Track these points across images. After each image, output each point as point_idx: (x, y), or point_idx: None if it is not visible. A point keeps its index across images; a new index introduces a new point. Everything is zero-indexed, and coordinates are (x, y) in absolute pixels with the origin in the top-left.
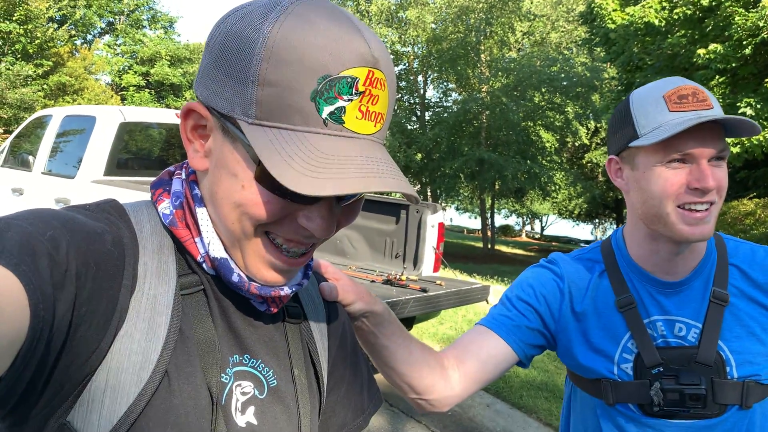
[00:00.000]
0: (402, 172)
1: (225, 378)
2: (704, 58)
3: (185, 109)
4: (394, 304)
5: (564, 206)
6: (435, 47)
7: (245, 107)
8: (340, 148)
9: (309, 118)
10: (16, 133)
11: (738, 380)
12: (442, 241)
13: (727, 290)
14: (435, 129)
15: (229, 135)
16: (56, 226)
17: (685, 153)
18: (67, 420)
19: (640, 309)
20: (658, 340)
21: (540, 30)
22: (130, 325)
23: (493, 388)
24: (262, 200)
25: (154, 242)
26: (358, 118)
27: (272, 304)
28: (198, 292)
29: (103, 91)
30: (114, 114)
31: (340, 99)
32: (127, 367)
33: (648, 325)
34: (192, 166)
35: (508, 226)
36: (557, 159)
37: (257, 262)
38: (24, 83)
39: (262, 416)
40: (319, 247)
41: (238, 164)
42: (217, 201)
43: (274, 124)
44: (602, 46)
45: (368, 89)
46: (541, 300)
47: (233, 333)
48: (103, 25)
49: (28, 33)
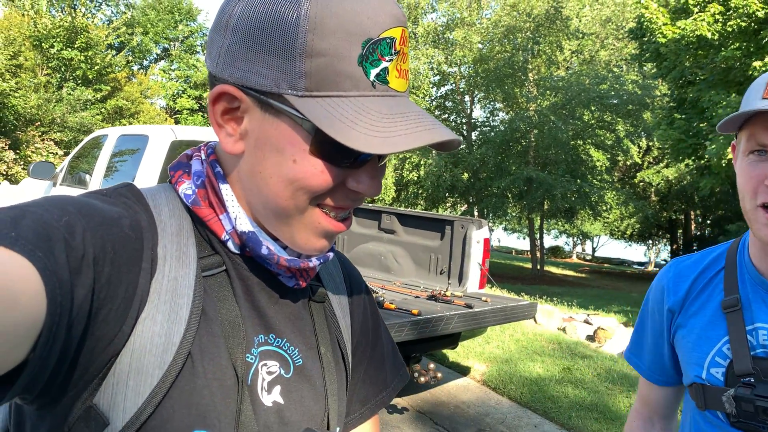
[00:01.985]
0: (448, 190)
1: (250, 358)
2: (761, 70)
3: (216, 92)
4: (438, 320)
5: (616, 226)
6: (482, 67)
7: (293, 81)
8: (393, 107)
9: (359, 82)
10: (74, 153)
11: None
12: (488, 257)
13: None
14: (482, 148)
15: (272, 112)
16: (72, 212)
17: (763, 144)
18: (93, 402)
19: (746, 313)
20: (758, 349)
21: (589, 48)
22: (151, 308)
23: (542, 408)
24: (317, 171)
25: (173, 225)
26: (397, 77)
27: (301, 278)
28: (220, 273)
29: (157, 114)
30: (166, 133)
31: (383, 60)
32: (150, 350)
33: (750, 331)
34: (226, 150)
35: (558, 247)
36: (608, 178)
37: (309, 234)
38: (83, 107)
39: (289, 395)
40: (366, 264)
41: (285, 139)
42: (261, 181)
43: (325, 94)
44: (652, 61)
45: (402, 48)
46: (656, 326)
47: (258, 312)
48: (158, 51)
49: (88, 59)
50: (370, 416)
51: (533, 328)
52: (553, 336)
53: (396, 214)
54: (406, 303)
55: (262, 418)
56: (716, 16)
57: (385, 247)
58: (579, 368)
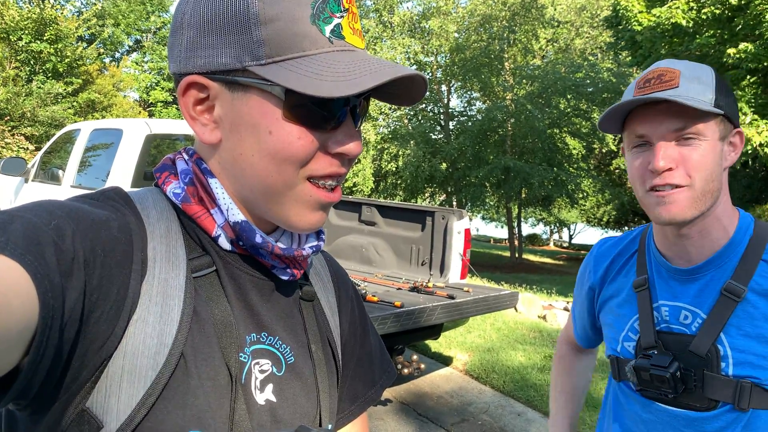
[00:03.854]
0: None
1: (243, 357)
2: (735, 57)
3: (183, 84)
4: (421, 311)
5: (592, 214)
6: (458, 56)
7: (254, 51)
8: (354, 57)
9: (317, 40)
10: (46, 148)
11: (732, 378)
12: (469, 247)
13: (747, 286)
14: (459, 138)
15: (240, 89)
16: (60, 215)
17: (639, 135)
18: (86, 406)
19: (652, 291)
20: (662, 324)
21: (564, 36)
22: (143, 310)
23: (524, 396)
24: (295, 137)
25: (162, 227)
26: (352, 34)
27: (295, 268)
28: (211, 273)
29: (131, 107)
30: (140, 127)
31: (334, 17)
32: (143, 351)
33: (655, 308)
34: (203, 141)
35: (536, 235)
36: (584, 166)
37: (302, 209)
38: (54, 101)
39: (281, 393)
40: (347, 256)
41: (257, 113)
42: (244, 162)
43: (287, 57)
44: (628, 49)
45: (350, 6)
46: (582, 300)
47: (250, 311)
48: (130, 43)
49: (58, 52)
50: (359, 413)
51: (514, 317)
52: (533, 324)
53: (376, 206)
54: (389, 295)
55: (255, 417)
56: (691, 4)
57: (366, 239)
58: None
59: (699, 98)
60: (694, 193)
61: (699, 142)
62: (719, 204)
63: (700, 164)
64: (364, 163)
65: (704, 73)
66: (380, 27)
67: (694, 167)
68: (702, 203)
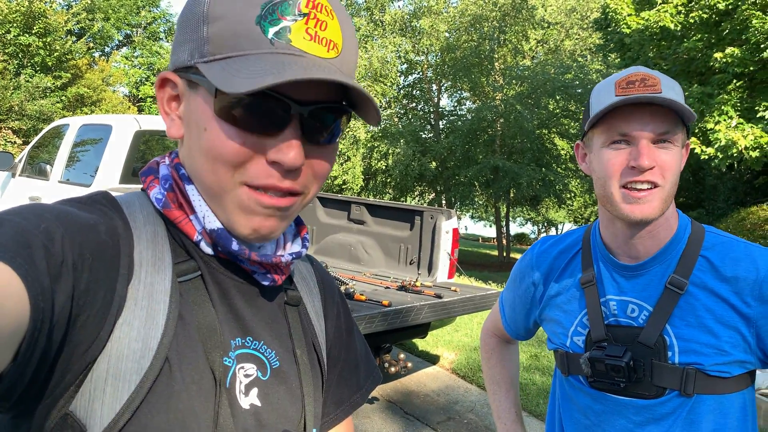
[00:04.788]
0: (416, 179)
1: (228, 361)
2: (721, 62)
3: (159, 79)
4: (409, 311)
5: (579, 214)
6: (449, 56)
7: (200, 48)
8: (289, 60)
9: (258, 42)
10: (34, 142)
11: (678, 366)
12: (457, 247)
13: (688, 279)
14: (449, 137)
15: (193, 86)
16: (49, 219)
17: (623, 134)
18: (70, 410)
19: (599, 287)
20: (610, 318)
21: (554, 38)
22: (128, 314)
23: None
24: (225, 137)
25: (148, 231)
26: (307, 40)
27: (275, 273)
28: (196, 278)
29: (120, 102)
30: (130, 122)
31: (283, 20)
32: (128, 355)
33: (603, 303)
34: (169, 135)
35: (524, 235)
36: (572, 166)
37: (240, 213)
38: (43, 95)
39: (266, 397)
40: (335, 255)
41: (199, 109)
42: (191, 159)
43: (226, 55)
44: (617, 52)
45: (312, 12)
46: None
47: (234, 315)
48: (120, 37)
49: (47, 46)
50: (344, 417)
51: None
52: None
53: (365, 205)
54: (377, 294)
55: (240, 421)
56: (679, 8)
57: (355, 238)
58: (546, 355)
59: None
60: (664, 193)
61: (672, 147)
62: (670, 206)
63: (672, 167)
64: (354, 161)
65: (675, 83)
66: (371, 25)
67: (668, 169)
68: (667, 204)
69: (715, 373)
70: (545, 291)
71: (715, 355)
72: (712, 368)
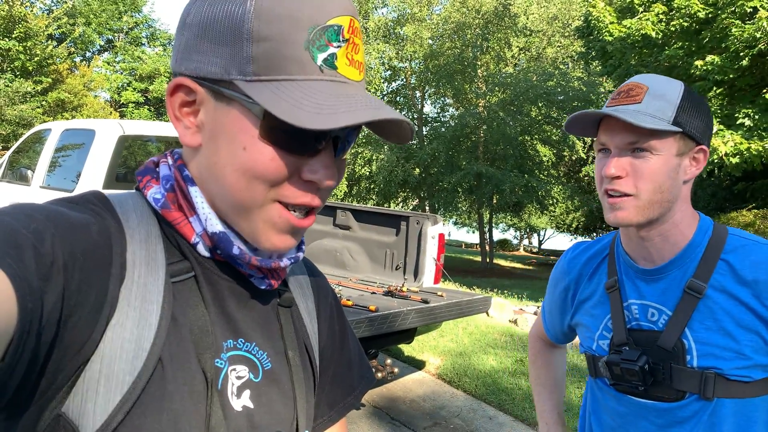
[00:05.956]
0: (399, 185)
1: (220, 363)
2: (702, 69)
3: (172, 85)
4: (395, 316)
5: (562, 220)
6: (432, 63)
7: (242, 66)
8: (341, 90)
9: (306, 66)
10: (15, 147)
11: (697, 369)
12: (443, 252)
13: (707, 283)
14: (433, 143)
15: (224, 100)
16: (40, 219)
17: (602, 143)
18: (62, 411)
19: (622, 292)
20: (632, 322)
21: (536, 45)
22: (121, 314)
23: (496, 400)
24: (268, 158)
25: (142, 231)
26: (347, 65)
27: (272, 278)
28: (189, 279)
29: (102, 107)
30: (113, 127)
31: (330, 46)
32: (121, 356)
33: (626, 307)
34: (184, 143)
35: (506, 241)
36: (554, 173)
37: (268, 229)
38: (23, 100)
39: (258, 399)
40: (321, 260)
41: (236, 127)
42: (218, 172)
43: (273, 77)
44: (599, 59)
45: (351, 37)
46: (559, 305)
47: (227, 317)
48: (102, 42)
49: (28, 50)
50: (337, 419)
51: (486, 321)
52: (505, 329)
53: (351, 210)
54: (363, 299)
55: (232, 423)
56: (660, 16)
57: (341, 243)
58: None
59: (657, 115)
60: (638, 202)
61: (651, 156)
62: (676, 212)
63: (647, 176)
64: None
65: (671, 90)
66: None
67: (641, 178)
68: (649, 211)
69: (736, 378)
70: (576, 296)
71: (735, 359)
72: (732, 372)
